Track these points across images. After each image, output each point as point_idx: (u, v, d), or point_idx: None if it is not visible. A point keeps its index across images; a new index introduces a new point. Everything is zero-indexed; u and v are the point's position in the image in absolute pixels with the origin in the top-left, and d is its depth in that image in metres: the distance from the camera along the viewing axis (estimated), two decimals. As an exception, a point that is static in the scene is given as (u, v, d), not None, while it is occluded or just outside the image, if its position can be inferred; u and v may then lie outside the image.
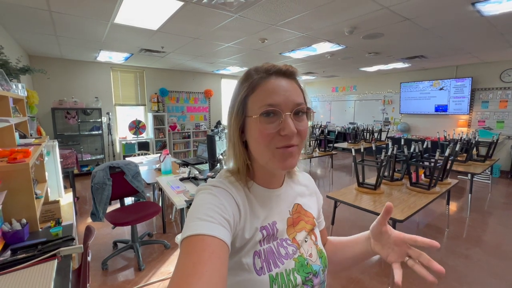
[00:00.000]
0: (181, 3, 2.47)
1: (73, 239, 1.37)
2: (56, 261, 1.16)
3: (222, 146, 2.58)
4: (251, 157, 0.56)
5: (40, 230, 1.54)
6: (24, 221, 1.42)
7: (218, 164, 2.40)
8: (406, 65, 5.63)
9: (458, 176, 4.76)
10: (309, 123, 0.55)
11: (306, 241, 0.59)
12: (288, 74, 0.53)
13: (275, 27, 3.15)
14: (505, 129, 5.28)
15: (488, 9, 2.56)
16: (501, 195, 4.18)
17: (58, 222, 1.73)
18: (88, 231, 1.44)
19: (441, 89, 6.03)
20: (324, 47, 4.11)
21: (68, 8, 2.62)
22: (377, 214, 1.95)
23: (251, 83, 0.52)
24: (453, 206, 3.69)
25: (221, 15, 2.78)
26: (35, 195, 1.52)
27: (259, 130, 0.50)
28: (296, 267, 0.54)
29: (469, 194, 3.39)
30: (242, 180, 0.56)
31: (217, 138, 2.35)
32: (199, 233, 0.42)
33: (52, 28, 3.24)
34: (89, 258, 1.35)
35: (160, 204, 2.90)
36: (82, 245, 1.26)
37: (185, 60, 5.32)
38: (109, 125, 5.70)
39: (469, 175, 3.31)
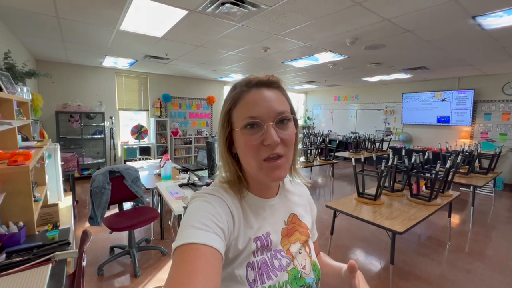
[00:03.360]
0: (186, 12, 2.52)
1: (69, 243, 1.37)
2: (50, 265, 1.16)
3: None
4: (242, 168, 0.57)
5: (37, 233, 1.53)
6: (21, 224, 1.42)
7: (218, 171, 2.40)
8: (408, 75, 5.66)
9: (461, 188, 4.70)
10: (302, 130, 0.57)
11: (300, 253, 0.58)
12: (269, 83, 0.53)
13: (278, 37, 3.20)
14: (508, 142, 5.24)
15: (489, 22, 2.58)
16: (505, 209, 4.11)
17: (55, 226, 1.73)
18: (85, 235, 1.43)
19: (443, 100, 6.03)
20: (326, 57, 4.15)
21: (76, 15, 2.69)
22: (376, 225, 1.94)
23: (233, 96, 0.53)
24: (455, 219, 3.63)
25: (225, 24, 2.83)
26: (33, 198, 1.52)
27: (244, 142, 0.51)
28: (289, 279, 0.53)
29: (471, 207, 3.34)
30: (235, 189, 0.56)
31: (216, 144, 2.36)
32: (193, 242, 0.41)
33: (59, 33, 3.31)
34: (84, 263, 1.34)
35: (159, 210, 2.89)
36: (77, 250, 1.25)
37: (188, 67, 5.39)
38: (111, 129, 5.75)
39: (471, 187, 3.28)
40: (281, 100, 0.53)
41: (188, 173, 3.00)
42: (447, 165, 2.50)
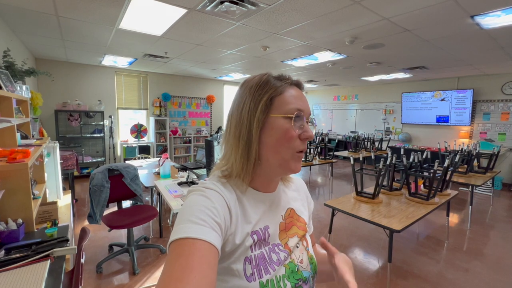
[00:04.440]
0: (185, 11, 2.52)
1: (67, 240, 1.37)
2: (49, 261, 1.16)
3: (220, 151, 2.58)
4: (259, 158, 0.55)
5: (36, 230, 1.54)
6: (20, 221, 1.42)
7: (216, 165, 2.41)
8: (408, 75, 5.66)
9: (460, 188, 4.72)
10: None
11: (297, 247, 0.59)
12: (301, 86, 0.60)
13: (277, 36, 3.20)
14: (507, 142, 5.25)
15: (487, 22, 2.59)
16: (503, 208, 4.12)
17: (54, 223, 1.73)
18: (83, 232, 1.43)
19: (442, 100, 6.04)
20: (325, 56, 4.15)
21: (75, 13, 2.69)
22: (375, 223, 1.94)
23: (276, 85, 0.54)
24: (453, 218, 3.64)
25: (224, 23, 2.83)
26: (32, 196, 1.52)
27: (285, 130, 0.52)
28: (286, 273, 0.54)
29: (470, 206, 3.35)
30: (239, 182, 0.55)
31: (215, 143, 2.36)
32: (189, 237, 0.41)
33: (59, 32, 3.31)
34: (82, 260, 1.35)
35: (158, 208, 2.90)
36: (75, 247, 1.26)
37: (188, 65, 5.39)
38: (111, 128, 5.75)
39: (470, 186, 3.29)
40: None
41: (187, 171, 3.01)
42: (446, 164, 2.51)
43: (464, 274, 2.33)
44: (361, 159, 2.63)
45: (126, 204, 3.49)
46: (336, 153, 5.67)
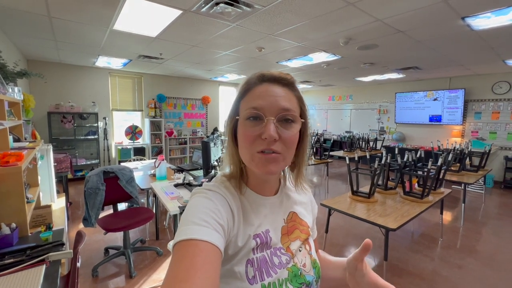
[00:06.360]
0: (180, 12, 2.52)
1: (63, 244, 1.35)
2: (44, 266, 1.15)
3: (217, 152, 2.59)
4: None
5: (30, 235, 1.52)
6: (13, 225, 1.40)
7: (213, 170, 2.41)
8: (401, 75, 5.74)
9: (452, 186, 4.79)
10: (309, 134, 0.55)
11: (300, 251, 0.59)
12: (281, 80, 0.53)
13: (272, 37, 3.21)
14: (498, 140, 5.36)
15: (478, 23, 2.64)
16: (495, 205, 4.21)
17: (48, 227, 1.70)
18: (79, 236, 1.42)
19: (435, 99, 6.14)
20: (320, 57, 4.18)
21: (68, 14, 2.66)
22: (370, 222, 1.96)
23: (244, 87, 0.54)
24: (447, 216, 3.70)
25: (219, 24, 2.83)
26: (26, 199, 1.50)
27: (242, 132, 0.52)
28: (289, 277, 0.53)
29: (463, 204, 3.41)
30: (236, 184, 0.56)
31: (212, 144, 2.36)
32: (192, 238, 0.41)
33: (52, 33, 3.27)
34: (78, 264, 1.33)
35: (154, 210, 2.88)
36: (71, 251, 1.24)
37: (183, 66, 5.37)
38: (105, 130, 5.68)
39: (463, 185, 3.34)
40: (289, 98, 0.53)
41: (184, 173, 2.99)
42: (439, 163, 2.55)
43: (458, 271, 2.37)
44: (356, 158, 2.65)
45: (122, 206, 3.46)
46: (331, 153, 5.70)
